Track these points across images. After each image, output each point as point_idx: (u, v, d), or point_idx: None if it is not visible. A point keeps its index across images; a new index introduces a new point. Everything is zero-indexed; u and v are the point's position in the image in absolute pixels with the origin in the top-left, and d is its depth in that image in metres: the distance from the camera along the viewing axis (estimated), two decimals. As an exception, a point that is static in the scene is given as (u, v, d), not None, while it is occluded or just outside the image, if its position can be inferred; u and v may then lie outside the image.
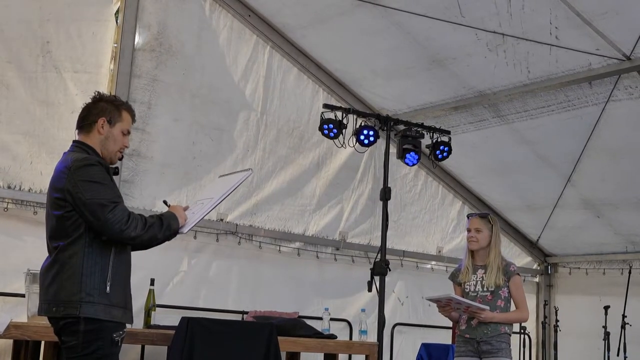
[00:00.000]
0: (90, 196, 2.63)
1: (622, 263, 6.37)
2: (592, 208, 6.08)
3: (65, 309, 2.60)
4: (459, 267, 4.14)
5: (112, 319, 2.66)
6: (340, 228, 5.81)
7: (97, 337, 2.61)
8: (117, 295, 2.69)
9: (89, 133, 2.86)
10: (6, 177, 4.24)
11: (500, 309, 3.89)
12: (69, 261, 2.63)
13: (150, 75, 4.82)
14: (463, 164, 6.23)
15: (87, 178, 2.66)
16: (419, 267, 6.25)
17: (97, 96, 2.95)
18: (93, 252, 2.65)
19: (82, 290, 2.59)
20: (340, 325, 5.60)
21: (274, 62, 5.48)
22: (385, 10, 4.71)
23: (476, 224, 4.03)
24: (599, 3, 4.09)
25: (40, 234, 4.30)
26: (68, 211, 2.66)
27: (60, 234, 2.69)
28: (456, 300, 3.80)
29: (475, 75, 5.11)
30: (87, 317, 2.59)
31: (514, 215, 6.70)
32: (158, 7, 4.86)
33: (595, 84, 4.78)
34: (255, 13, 5.32)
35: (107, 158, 2.87)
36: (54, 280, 2.65)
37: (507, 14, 4.34)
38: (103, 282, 2.64)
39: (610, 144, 5.28)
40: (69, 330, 2.62)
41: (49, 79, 4.40)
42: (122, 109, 2.92)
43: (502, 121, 5.49)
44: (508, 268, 3.96)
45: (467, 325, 3.93)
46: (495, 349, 3.82)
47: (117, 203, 2.68)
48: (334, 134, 4.97)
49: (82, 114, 2.91)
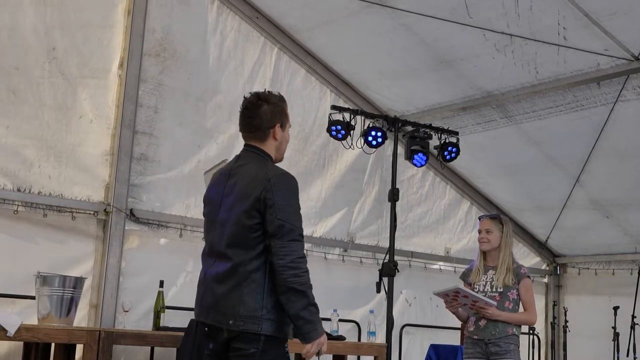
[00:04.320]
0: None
1: (632, 263, 6.30)
2: (601, 208, 6.03)
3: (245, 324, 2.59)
4: (470, 266, 4.14)
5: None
6: (348, 229, 5.79)
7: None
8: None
9: (265, 141, 2.76)
10: (16, 181, 4.25)
11: (508, 310, 3.87)
12: (251, 275, 2.60)
13: (155, 80, 4.81)
14: (471, 165, 6.19)
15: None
16: (427, 268, 6.22)
17: (259, 98, 2.78)
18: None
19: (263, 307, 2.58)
20: (349, 327, 5.58)
21: (282, 63, 5.46)
22: (393, 12, 4.69)
23: (487, 225, 4.02)
24: (607, 3, 4.05)
25: (49, 237, 4.39)
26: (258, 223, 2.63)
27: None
28: (463, 292, 3.77)
29: (483, 75, 5.08)
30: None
31: (523, 216, 6.66)
32: (163, 12, 4.85)
33: (604, 84, 4.74)
34: (263, 15, 5.31)
35: (279, 159, 2.84)
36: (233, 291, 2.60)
37: (515, 14, 4.31)
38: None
39: (619, 145, 5.23)
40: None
41: (56, 84, 4.40)
42: (286, 109, 2.84)
43: (510, 122, 5.46)
44: (519, 270, 3.95)
45: (476, 327, 3.91)
46: (504, 350, 3.80)
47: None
48: (342, 135, 4.96)
49: (252, 121, 2.76)
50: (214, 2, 5.13)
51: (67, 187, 4.42)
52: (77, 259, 4.43)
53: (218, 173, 2.91)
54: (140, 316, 4.53)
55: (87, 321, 4.43)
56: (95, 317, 4.45)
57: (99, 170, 4.58)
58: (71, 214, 4.41)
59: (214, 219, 2.77)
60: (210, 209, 2.83)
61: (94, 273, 4.50)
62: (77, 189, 4.46)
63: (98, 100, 4.58)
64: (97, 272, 4.50)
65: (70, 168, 4.45)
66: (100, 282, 4.46)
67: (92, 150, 4.56)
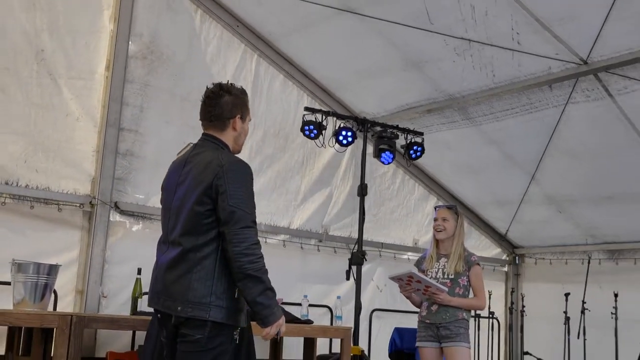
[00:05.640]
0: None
1: (583, 254, 6.04)
2: (554, 203, 5.75)
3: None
4: (424, 255, 3.86)
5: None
6: (323, 221, 5.51)
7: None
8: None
9: (223, 130, 2.48)
10: (3, 174, 3.94)
11: (458, 296, 3.58)
12: (201, 261, 2.30)
13: (142, 81, 4.52)
14: (437, 163, 5.91)
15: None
16: (396, 258, 5.93)
17: (221, 88, 2.49)
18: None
19: (212, 294, 2.28)
20: (322, 311, 5.30)
21: (261, 69, 5.17)
22: (364, 18, 4.41)
23: (443, 213, 3.75)
24: (556, 9, 3.75)
25: (36, 227, 4.09)
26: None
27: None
28: (416, 277, 3.49)
29: (446, 79, 4.79)
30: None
31: (485, 210, 6.38)
32: (150, 18, 4.56)
33: (555, 87, 4.45)
34: (243, 23, 5.02)
35: (237, 151, 2.54)
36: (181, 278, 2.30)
37: (472, 20, 4.01)
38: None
39: (570, 144, 4.94)
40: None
41: (44, 84, 4.10)
42: (247, 101, 2.54)
43: (471, 123, 5.17)
44: (469, 258, 3.66)
45: (428, 311, 3.62)
46: (454, 334, 3.51)
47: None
48: (314, 134, 4.73)
49: (212, 110, 2.48)
50: (198, 11, 4.84)
51: (54, 181, 4.11)
52: (63, 248, 4.13)
53: (177, 161, 2.60)
54: (123, 301, 4.21)
55: (72, 306, 4.14)
56: (80, 302, 4.15)
57: (86, 165, 4.27)
58: (57, 205, 4.11)
59: (169, 207, 2.47)
60: (165, 197, 2.54)
61: (80, 261, 4.20)
62: (64, 183, 4.16)
63: (84, 100, 4.28)
64: (83, 261, 4.20)
65: (58, 163, 4.14)
66: (86, 270, 4.16)
67: (79, 147, 4.26)
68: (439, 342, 3.56)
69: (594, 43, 3.92)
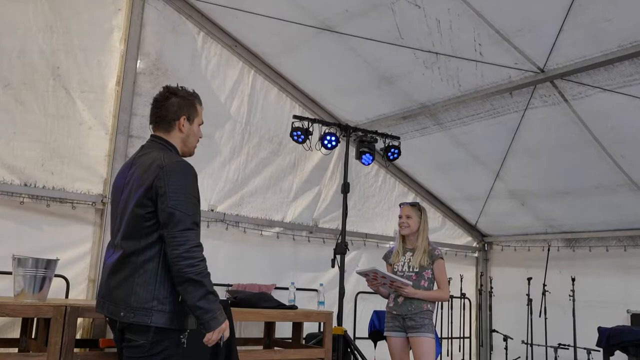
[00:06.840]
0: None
1: (543, 242, 5.63)
2: (517, 198, 5.33)
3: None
4: (391, 249, 3.45)
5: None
6: (313, 215, 5.13)
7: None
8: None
9: (170, 132, 2.10)
10: (22, 177, 3.63)
11: (423, 288, 3.18)
12: (143, 265, 1.91)
13: (149, 94, 4.16)
14: (413, 164, 5.52)
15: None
16: (379, 247, 5.53)
17: (169, 91, 2.15)
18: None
19: (154, 298, 1.89)
20: (311, 294, 4.92)
21: (257, 83, 4.82)
22: (340, 37, 4.03)
23: (407, 211, 3.34)
24: (514, 21, 3.36)
25: (52, 223, 3.77)
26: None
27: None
28: (381, 273, 3.10)
29: (417, 90, 4.40)
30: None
31: (456, 204, 5.97)
32: (156, 39, 4.24)
33: (515, 94, 4.05)
34: (241, 44, 4.67)
35: (187, 153, 2.15)
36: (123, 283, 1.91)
37: (438, 33, 3.62)
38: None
39: (530, 145, 4.53)
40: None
41: (59, 97, 3.78)
42: (195, 103, 2.16)
43: (441, 128, 4.77)
44: (433, 252, 3.26)
45: (395, 303, 3.23)
46: (419, 324, 3.11)
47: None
48: (302, 139, 4.39)
49: (159, 112, 2.12)
50: (200, 33, 4.50)
51: (68, 182, 3.79)
52: (77, 241, 3.81)
53: (126, 162, 2.20)
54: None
55: (86, 293, 3.81)
56: (93, 290, 3.82)
57: (98, 168, 3.94)
58: (72, 204, 3.78)
59: (115, 209, 2.07)
60: (112, 199, 2.14)
61: (92, 253, 3.87)
62: (78, 184, 3.83)
63: (96, 110, 3.96)
64: (95, 253, 3.86)
65: (72, 166, 3.82)
66: (97, 260, 3.83)
67: (91, 152, 3.93)
68: (405, 332, 3.18)
69: (549, 52, 3.53)
